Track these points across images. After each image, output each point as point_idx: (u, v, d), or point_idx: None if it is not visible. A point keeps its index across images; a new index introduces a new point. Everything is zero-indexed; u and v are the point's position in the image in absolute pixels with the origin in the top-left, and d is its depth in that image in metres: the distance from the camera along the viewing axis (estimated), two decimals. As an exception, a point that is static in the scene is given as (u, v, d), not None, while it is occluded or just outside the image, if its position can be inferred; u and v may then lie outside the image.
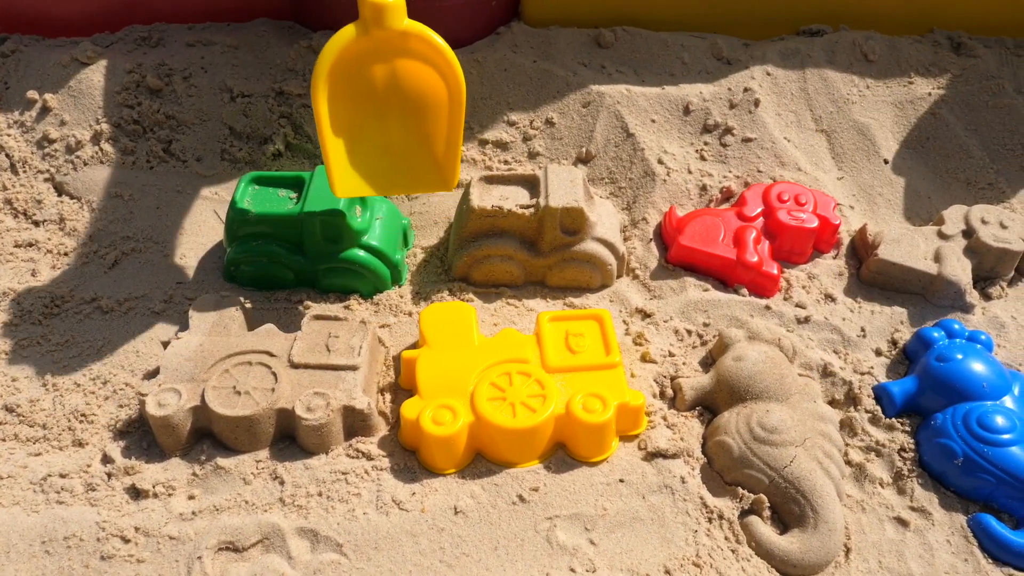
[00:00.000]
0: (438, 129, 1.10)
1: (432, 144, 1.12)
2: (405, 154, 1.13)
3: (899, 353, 1.21)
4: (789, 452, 1.05)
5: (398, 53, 1.05)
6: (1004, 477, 1.04)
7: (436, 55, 1.04)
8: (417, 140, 1.12)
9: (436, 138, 1.11)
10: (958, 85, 1.49)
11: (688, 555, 0.99)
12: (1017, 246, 1.26)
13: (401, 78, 1.07)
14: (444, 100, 1.07)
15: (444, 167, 1.12)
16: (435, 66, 1.05)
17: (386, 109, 1.09)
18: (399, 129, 1.11)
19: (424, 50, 1.04)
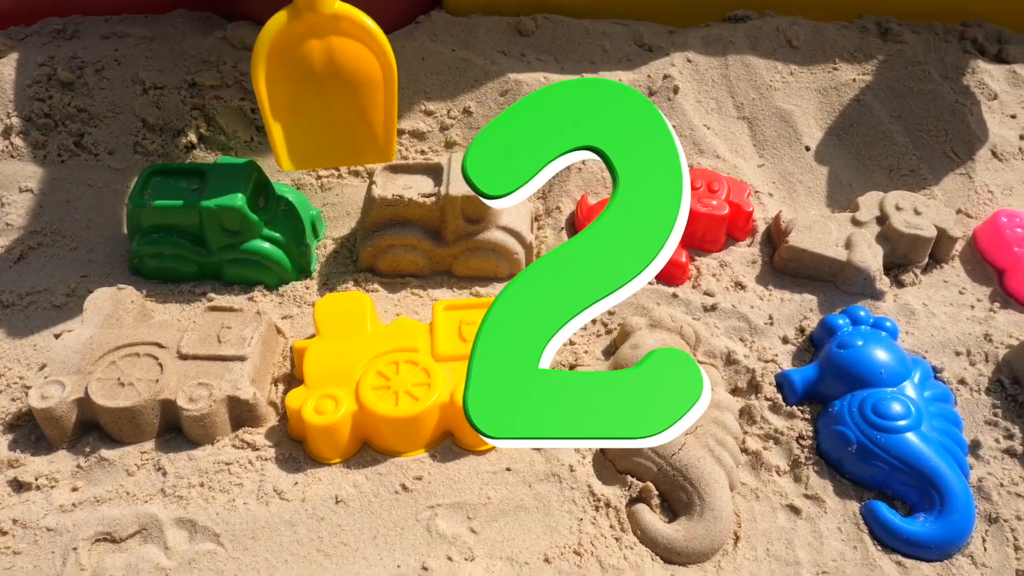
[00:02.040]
0: (375, 104, 1.19)
1: (370, 118, 1.20)
2: (346, 128, 1.21)
3: (806, 341, 1.20)
4: (678, 440, 1.03)
5: (332, 33, 1.12)
6: (897, 464, 1.03)
7: (366, 36, 1.13)
8: (356, 115, 1.20)
9: (374, 112, 1.20)
10: (884, 71, 1.47)
11: (570, 543, 0.98)
12: (929, 232, 1.24)
13: (337, 57, 1.15)
14: (379, 77, 1.15)
15: (383, 140, 1.21)
16: (367, 46, 1.14)
17: (325, 87, 1.17)
18: (339, 105, 1.19)
19: (355, 31, 1.13)
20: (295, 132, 1.18)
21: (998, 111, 1.46)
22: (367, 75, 1.16)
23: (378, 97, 1.17)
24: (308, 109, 1.17)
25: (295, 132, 1.18)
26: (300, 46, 1.12)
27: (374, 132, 1.20)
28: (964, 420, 1.11)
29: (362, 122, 1.20)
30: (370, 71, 1.15)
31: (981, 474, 1.06)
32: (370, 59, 1.14)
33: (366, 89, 1.17)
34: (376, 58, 1.14)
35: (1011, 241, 1.26)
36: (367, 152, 1.23)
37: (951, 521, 0.99)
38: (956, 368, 1.16)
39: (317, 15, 1.09)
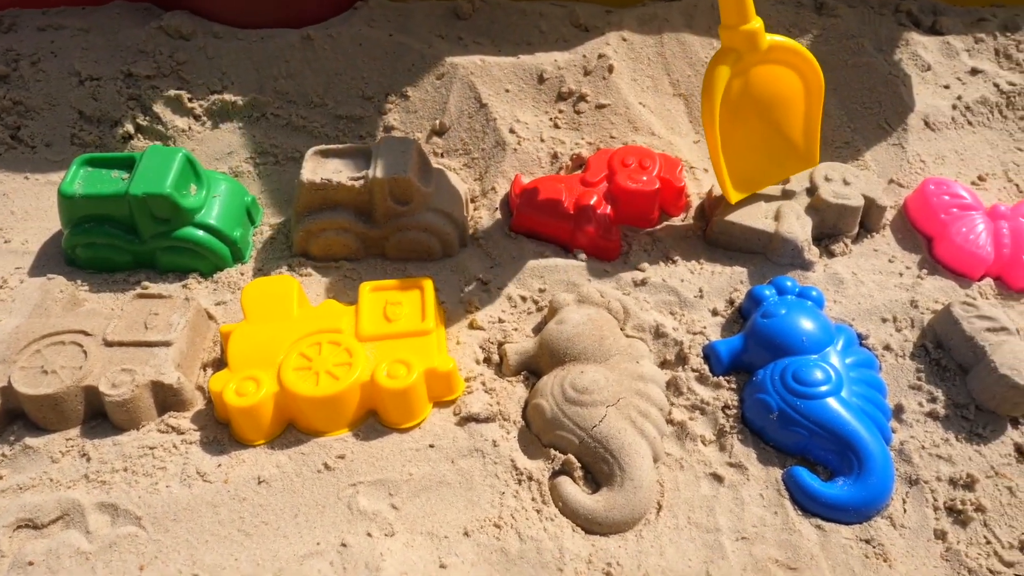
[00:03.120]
0: (793, 118, 1.25)
1: (789, 132, 1.25)
2: (767, 147, 1.26)
3: (735, 312, 1.21)
4: (599, 412, 1.04)
5: (756, 65, 1.17)
6: (816, 430, 1.03)
7: (797, 58, 1.19)
8: (775, 132, 1.25)
9: (793, 126, 1.26)
10: (818, 45, 1.48)
11: (491, 517, 0.98)
12: (856, 202, 1.25)
13: (753, 82, 1.20)
14: (798, 91, 1.22)
15: (806, 148, 1.27)
16: (796, 68, 1.21)
17: (743, 112, 1.21)
18: (758, 127, 1.24)
19: (786, 57, 1.19)
20: (731, 164, 1.22)
21: (932, 82, 1.46)
22: (781, 92, 1.22)
23: (797, 111, 1.23)
24: (736, 140, 1.22)
25: (731, 164, 1.22)
26: (730, 84, 1.17)
27: (795, 143, 1.26)
28: (889, 385, 1.12)
29: (782, 137, 1.25)
30: (785, 87, 1.22)
31: (904, 437, 1.07)
32: (789, 76, 1.21)
33: (781, 105, 1.23)
34: (802, 75, 1.20)
35: (938, 208, 1.26)
36: (791, 163, 1.28)
37: (869, 484, 1.00)
38: (882, 334, 1.17)
39: (756, 53, 1.14)
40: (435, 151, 1.41)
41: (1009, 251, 1.22)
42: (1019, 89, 1.45)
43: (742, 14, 1.10)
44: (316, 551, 0.94)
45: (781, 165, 1.27)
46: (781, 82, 1.20)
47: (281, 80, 1.44)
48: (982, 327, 1.11)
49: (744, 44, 1.12)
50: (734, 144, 1.21)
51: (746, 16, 1.10)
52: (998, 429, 1.08)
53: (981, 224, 1.24)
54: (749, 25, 1.10)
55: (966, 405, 1.10)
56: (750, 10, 1.10)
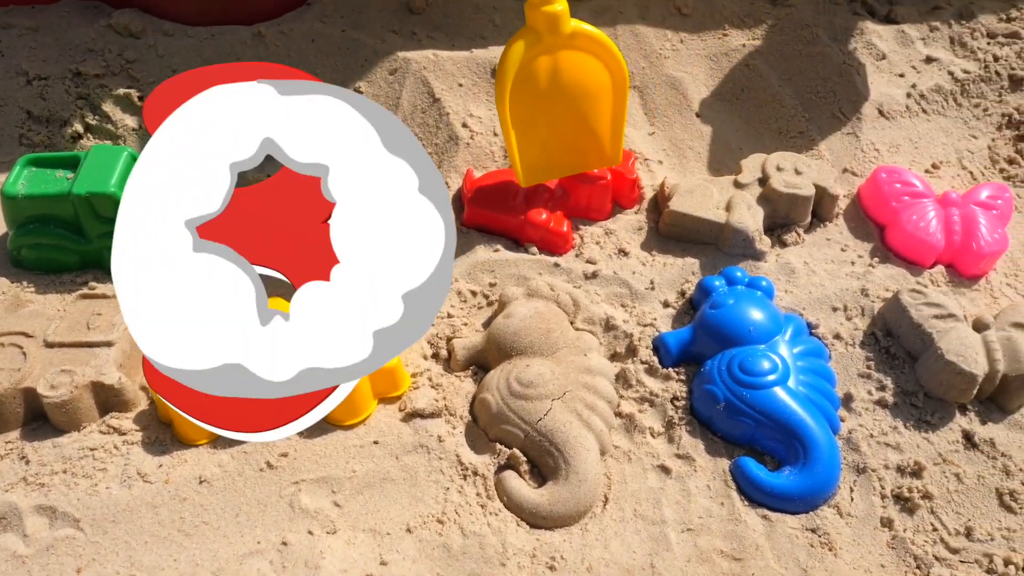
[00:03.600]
0: (601, 112, 1.22)
1: (596, 126, 1.22)
2: (573, 139, 1.23)
3: (686, 304, 1.20)
4: (544, 405, 1.03)
5: (563, 49, 1.14)
6: (762, 419, 1.03)
7: (600, 48, 1.15)
8: (582, 125, 1.22)
9: (600, 120, 1.22)
10: (773, 35, 1.47)
11: (434, 512, 0.98)
12: (807, 191, 1.24)
13: (564, 71, 1.17)
14: (606, 86, 1.19)
15: (611, 145, 1.25)
16: (599, 57, 1.15)
17: (552, 100, 1.19)
18: (566, 117, 1.20)
19: (588, 45, 1.15)
20: (529, 150, 1.20)
21: (887, 71, 1.46)
22: (594, 84, 1.18)
23: (604, 105, 1.20)
24: (538, 125, 1.19)
25: (529, 150, 1.20)
26: (529, 67, 1.14)
27: (600, 139, 1.23)
28: (838, 374, 1.12)
29: (588, 131, 1.23)
30: (597, 80, 1.18)
31: (852, 426, 1.07)
32: (596, 69, 1.16)
33: (591, 99, 1.20)
34: (608, 68, 1.17)
35: (889, 196, 1.26)
36: (593, 158, 1.26)
37: (814, 473, 1.00)
38: (832, 323, 1.17)
39: (557, 36, 1.11)
40: (389, 147, 1.40)
41: (960, 238, 1.21)
42: (973, 77, 1.45)
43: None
44: (256, 550, 0.94)
45: (583, 158, 1.25)
46: (590, 75, 1.18)
47: (233, 77, 1.43)
48: (930, 314, 1.11)
49: (544, 25, 1.10)
50: (537, 128, 1.19)
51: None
52: (946, 416, 1.08)
53: (932, 212, 1.23)
54: (551, 7, 1.08)
55: (915, 393, 1.10)
56: None
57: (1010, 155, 1.39)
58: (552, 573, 0.94)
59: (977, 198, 1.27)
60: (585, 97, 1.19)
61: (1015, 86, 1.45)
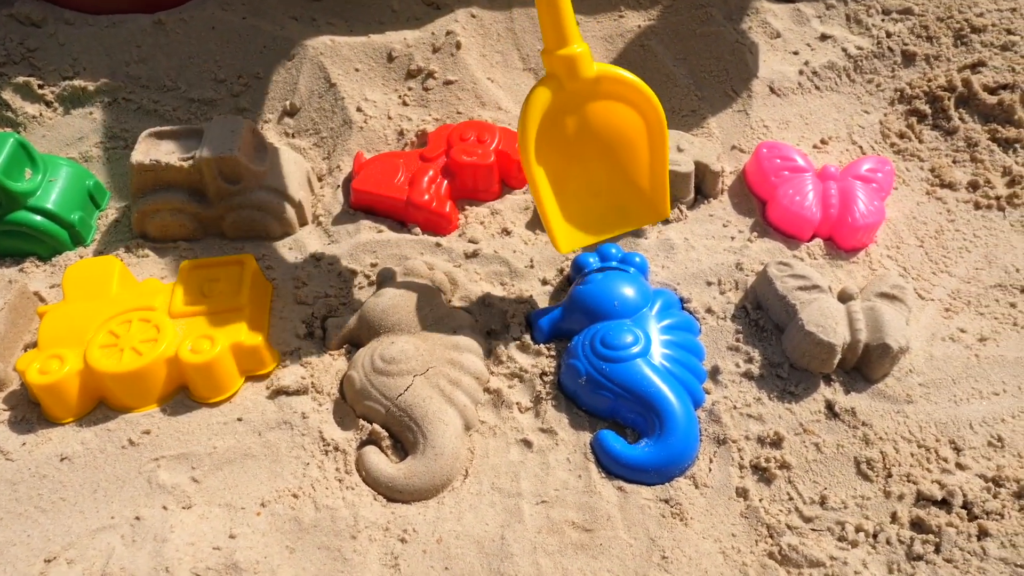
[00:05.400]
0: (639, 162, 1.11)
1: (636, 178, 1.12)
2: (612, 193, 1.12)
3: (563, 281, 1.21)
4: (406, 381, 1.04)
5: (588, 98, 1.05)
6: (621, 392, 1.04)
7: (630, 91, 1.06)
8: (621, 177, 1.12)
9: (639, 171, 1.12)
10: (668, 16, 1.48)
11: (291, 487, 0.99)
12: (685, 168, 1.25)
13: (594, 119, 1.07)
14: (642, 132, 1.08)
15: (654, 197, 1.13)
16: (630, 103, 1.06)
17: (584, 153, 1.09)
18: (602, 170, 1.11)
19: (618, 89, 1.05)
20: (564, 210, 1.10)
21: (781, 48, 1.46)
22: (628, 132, 1.09)
23: (642, 153, 1.10)
24: (571, 179, 1.10)
25: (564, 210, 1.10)
26: (557, 118, 1.05)
27: (642, 190, 1.13)
28: (708, 347, 1.13)
29: (628, 184, 1.12)
30: (631, 127, 1.08)
31: (717, 398, 1.08)
32: (630, 115, 1.07)
33: (628, 148, 1.10)
34: (640, 112, 1.07)
35: (769, 172, 1.27)
36: (639, 214, 1.14)
37: (669, 444, 1.01)
38: (705, 298, 1.17)
39: (580, 81, 1.02)
40: (286, 132, 1.41)
41: (836, 211, 1.22)
42: (866, 53, 1.46)
43: (560, 37, 0.99)
44: (110, 525, 0.95)
45: (625, 214, 1.13)
46: (623, 122, 1.08)
47: (133, 65, 1.44)
48: (794, 286, 1.11)
49: (563, 70, 1.01)
50: (570, 184, 1.10)
51: (564, 39, 0.99)
52: (810, 387, 1.09)
53: (809, 186, 1.24)
54: (567, 50, 0.99)
55: (780, 364, 1.10)
56: (569, 34, 1.00)
57: (901, 129, 1.40)
58: (403, 546, 0.95)
59: (857, 171, 1.27)
60: (619, 147, 1.09)
61: (908, 61, 1.45)
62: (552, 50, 1.00)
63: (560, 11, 0.97)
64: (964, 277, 1.23)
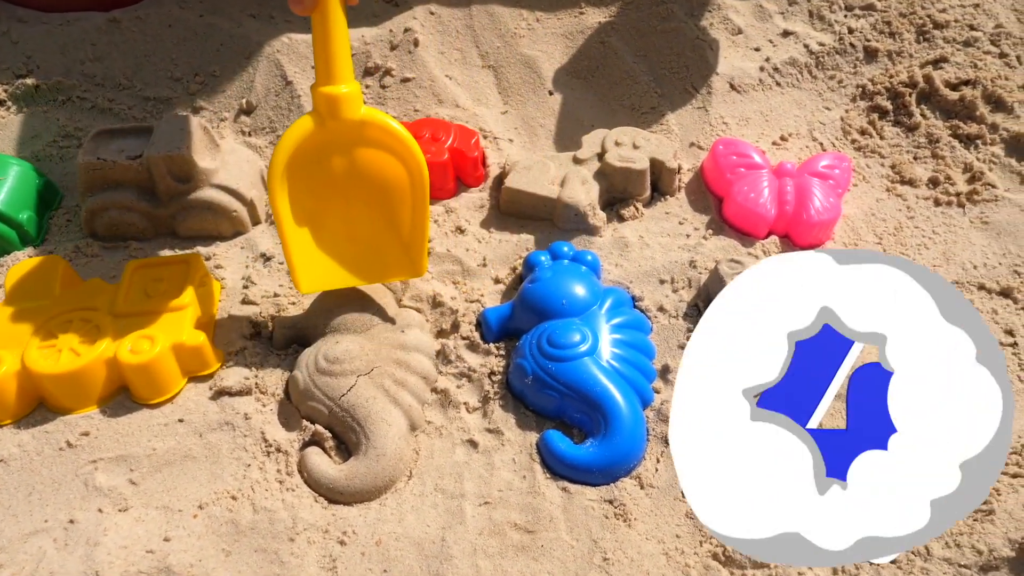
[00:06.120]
0: (402, 215, 1.09)
1: (398, 230, 1.10)
2: (371, 241, 1.10)
3: (516, 280, 1.20)
4: (349, 381, 1.03)
5: (356, 141, 1.03)
6: (566, 391, 1.02)
7: (395, 142, 1.03)
8: (382, 227, 1.10)
9: (401, 224, 1.10)
10: (629, 12, 1.46)
11: (230, 489, 0.97)
12: (640, 165, 1.24)
13: (361, 165, 1.05)
14: (405, 185, 1.06)
15: (412, 252, 1.10)
16: (395, 153, 1.04)
17: (348, 196, 1.07)
18: (363, 217, 1.09)
19: (382, 137, 1.03)
20: (314, 249, 1.07)
21: (742, 45, 1.45)
22: (393, 182, 1.06)
23: (406, 207, 1.08)
24: (329, 221, 1.08)
25: (314, 249, 1.07)
26: (322, 153, 1.02)
27: (402, 244, 1.11)
28: (659, 346, 1.11)
29: (389, 233, 1.11)
30: (396, 178, 1.06)
31: (666, 397, 1.06)
32: (396, 166, 1.05)
33: (393, 199, 1.08)
34: (404, 164, 1.05)
35: (726, 169, 1.25)
36: (395, 267, 1.11)
37: (613, 444, 0.99)
38: (657, 296, 1.16)
39: (341, 122, 0.99)
40: (243, 130, 1.39)
41: (792, 208, 1.21)
42: (828, 49, 1.44)
43: (328, 74, 0.96)
44: (43, 528, 0.93)
45: (381, 265, 1.10)
46: (389, 171, 1.06)
47: (88, 63, 1.43)
48: (745, 284, 1.10)
49: (324, 108, 0.97)
50: (328, 225, 1.07)
51: (331, 77, 0.96)
52: (761, 386, 1.07)
53: (765, 182, 1.23)
54: (331, 88, 0.96)
55: (731, 363, 1.09)
56: (338, 72, 0.96)
57: (862, 126, 1.38)
58: (342, 548, 0.94)
59: (814, 168, 1.26)
60: (383, 197, 1.07)
61: (870, 58, 1.44)
62: (318, 85, 0.97)
63: (331, 47, 0.95)
64: (922, 274, 1.21)
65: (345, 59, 0.97)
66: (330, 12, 0.94)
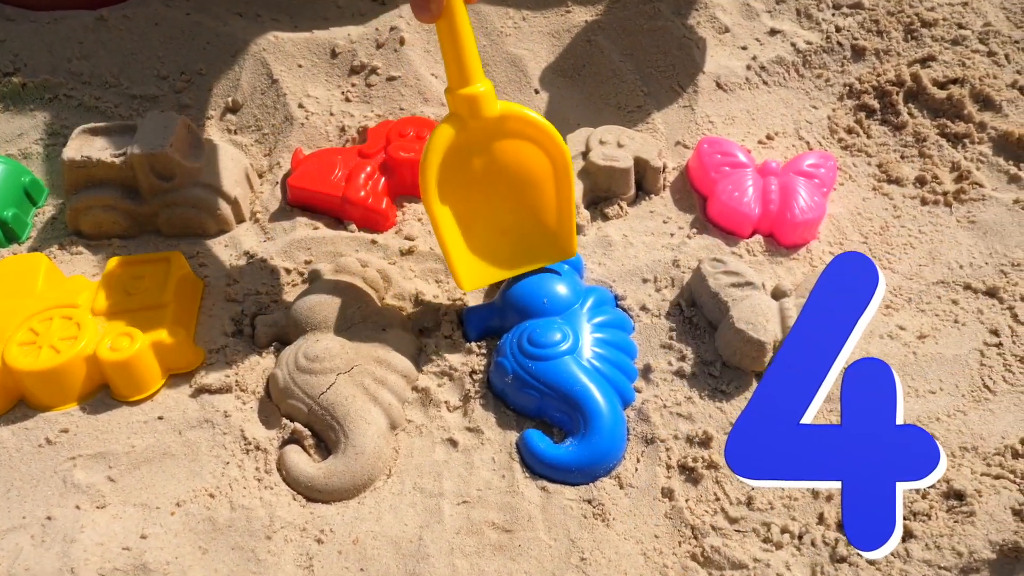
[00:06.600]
0: (547, 201, 1.10)
1: (544, 216, 1.11)
2: (520, 231, 1.12)
3: (499, 278, 1.19)
4: (328, 379, 1.03)
5: (496, 135, 1.04)
6: (546, 391, 1.02)
7: (535, 131, 1.04)
8: (529, 215, 1.11)
9: (547, 210, 1.11)
10: (615, 11, 1.46)
11: (208, 487, 0.97)
12: (624, 164, 1.23)
13: (501, 158, 1.06)
14: (549, 172, 1.07)
15: (560, 236, 1.12)
16: (535, 141, 1.05)
17: (492, 191, 1.08)
18: (509, 208, 1.10)
19: (522, 128, 1.04)
20: (469, 246, 1.09)
21: (729, 43, 1.45)
22: (535, 171, 1.08)
23: (549, 193, 1.09)
24: (478, 218, 1.09)
25: (469, 246, 1.09)
26: (464, 153, 1.04)
27: (549, 230, 1.12)
28: (641, 345, 1.11)
29: (534, 224, 1.12)
30: (538, 166, 1.07)
31: (647, 396, 1.06)
32: (537, 154, 1.06)
33: (536, 187, 1.09)
34: (546, 152, 1.06)
35: (710, 167, 1.25)
36: (546, 252, 1.13)
37: (593, 444, 0.99)
38: (640, 295, 1.16)
39: (483, 120, 1.00)
40: (229, 128, 1.39)
41: (776, 207, 1.20)
42: (815, 48, 1.44)
43: (462, 76, 0.97)
44: (20, 525, 0.93)
45: (532, 252, 1.12)
46: (529, 160, 1.07)
47: (75, 61, 1.43)
48: (727, 283, 1.10)
49: (465, 109, 0.99)
50: (475, 224, 1.08)
51: (467, 79, 0.97)
52: (742, 385, 1.07)
53: (749, 181, 1.22)
54: (469, 89, 0.97)
55: (713, 363, 1.09)
56: (471, 72, 0.97)
57: (849, 125, 1.38)
58: (319, 546, 0.94)
59: (799, 167, 1.25)
60: (526, 186, 1.09)
61: (857, 56, 1.43)
62: (454, 89, 0.98)
63: (462, 50, 0.95)
64: (907, 274, 1.21)
65: (476, 58, 0.98)
66: (456, 15, 0.94)
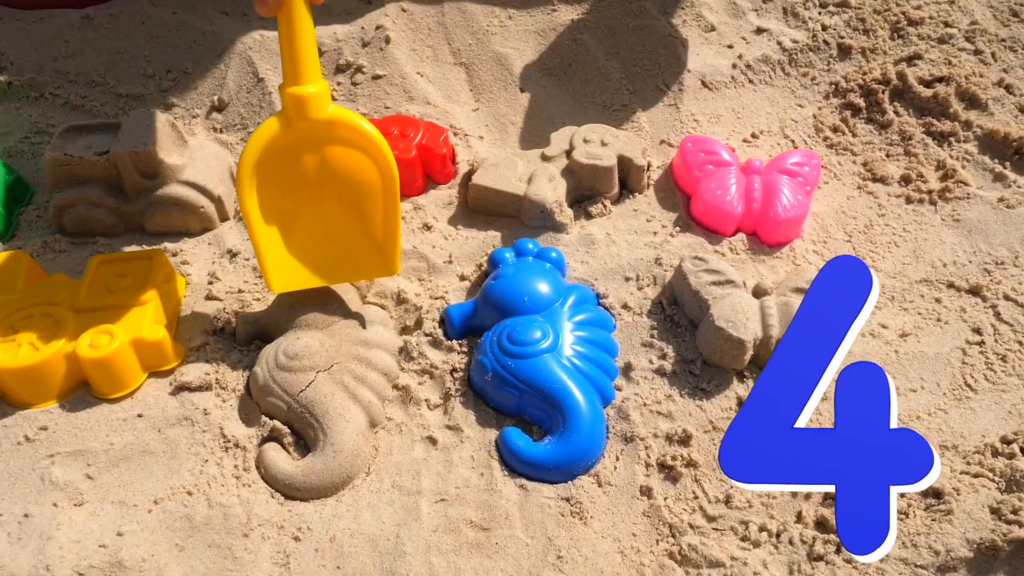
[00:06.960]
0: (375, 213, 1.08)
1: (371, 228, 1.09)
2: (344, 240, 1.10)
3: (481, 276, 1.19)
4: (308, 377, 1.03)
5: (326, 140, 1.03)
6: (526, 389, 1.02)
7: (364, 141, 1.02)
8: (356, 225, 1.09)
9: (374, 222, 1.09)
10: (601, 9, 1.46)
11: (186, 484, 0.97)
12: (607, 162, 1.23)
13: (332, 164, 1.05)
14: (377, 184, 1.05)
15: (385, 251, 1.10)
16: (365, 151, 1.03)
17: (321, 195, 1.07)
18: (337, 215, 1.09)
19: (351, 136, 1.02)
20: (286, 249, 1.07)
21: (715, 42, 1.44)
22: (365, 181, 1.06)
23: (378, 205, 1.07)
24: (301, 221, 1.07)
25: (286, 249, 1.07)
26: (292, 153, 1.02)
27: (375, 243, 1.10)
28: (622, 343, 1.11)
29: (362, 232, 1.10)
30: (368, 177, 1.05)
31: (628, 395, 1.06)
32: (366, 164, 1.04)
33: (365, 197, 1.07)
34: (375, 163, 1.04)
35: (694, 166, 1.25)
36: (368, 266, 1.10)
37: (571, 442, 0.99)
38: (622, 293, 1.15)
39: (310, 121, 0.98)
40: (215, 127, 1.39)
41: (759, 206, 1.20)
42: (801, 46, 1.44)
43: (295, 74, 0.95)
44: (-3, 523, 0.94)
45: (355, 264, 1.10)
46: (361, 170, 1.05)
47: (61, 60, 1.43)
48: (708, 281, 1.09)
49: (292, 108, 0.96)
50: (295, 226, 1.07)
51: (298, 77, 0.96)
52: (723, 384, 1.07)
53: (732, 180, 1.22)
54: (297, 88, 0.96)
55: (694, 361, 1.08)
56: (304, 71, 0.95)
57: (835, 123, 1.38)
58: (296, 544, 0.93)
59: (782, 165, 1.25)
60: (355, 195, 1.07)
61: (843, 55, 1.43)
62: (285, 86, 0.97)
63: (297, 48, 0.94)
64: (890, 272, 1.21)
65: (312, 59, 0.96)
66: (295, 12, 0.93)
